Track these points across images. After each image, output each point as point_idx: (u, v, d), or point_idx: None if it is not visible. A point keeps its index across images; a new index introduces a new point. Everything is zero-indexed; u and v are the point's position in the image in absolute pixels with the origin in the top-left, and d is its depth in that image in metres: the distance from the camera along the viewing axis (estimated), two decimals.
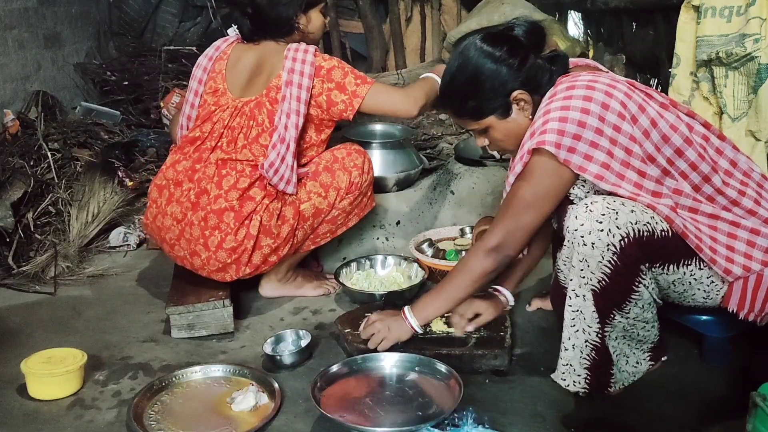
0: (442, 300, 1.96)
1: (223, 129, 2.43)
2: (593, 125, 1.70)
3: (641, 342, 1.83)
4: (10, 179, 3.13)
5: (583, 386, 1.82)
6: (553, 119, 1.72)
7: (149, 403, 1.95)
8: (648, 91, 1.83)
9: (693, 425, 1.82)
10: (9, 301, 2.67)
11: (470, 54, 1.85)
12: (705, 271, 1.79)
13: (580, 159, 1.71)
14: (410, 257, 2.73)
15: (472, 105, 1.88)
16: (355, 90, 2.41)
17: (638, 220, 1.68)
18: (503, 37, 1.86)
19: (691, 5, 2.85)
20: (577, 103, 1.72)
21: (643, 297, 1.74)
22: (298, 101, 2.38)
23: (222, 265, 2.37)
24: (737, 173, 1.84)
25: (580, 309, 1.74)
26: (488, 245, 1.84)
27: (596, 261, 1.68)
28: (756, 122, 2.70)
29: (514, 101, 1.86)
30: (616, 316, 1.74)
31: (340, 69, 2.42)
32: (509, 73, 1.82)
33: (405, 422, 1.79)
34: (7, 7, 4.01)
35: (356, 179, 2.50)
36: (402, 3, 4.73)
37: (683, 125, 1.78)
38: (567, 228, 1.72)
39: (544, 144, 1.72)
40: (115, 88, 4.70)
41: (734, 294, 1.81)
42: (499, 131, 1.91)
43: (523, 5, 4.16)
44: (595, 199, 1.71)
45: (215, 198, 2.35)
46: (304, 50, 2.40)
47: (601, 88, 1.74)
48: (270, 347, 2.18)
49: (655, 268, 1.74)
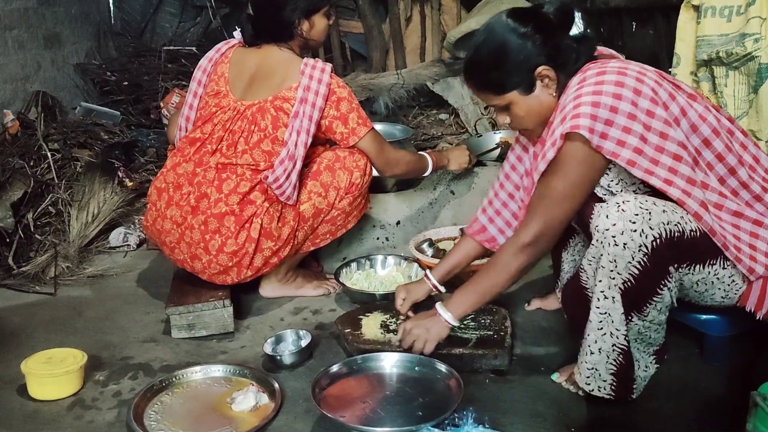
0: (477, 295, 1.92)
1: (223, 132, 2.42)
2: (626, 110, 1.67)
3: (650, 345, 1.81)
4: (10, 179, 3.13)
5: (609, 392, 1.80)
6: (585, 103, 1.68)
7: (149, 403, 1.94)
8: (676, 81, 1.81)
9: (693, 425, 1.82)
10: (9, 301, 2.67)
11: (496, 28, 1.82)
12: (728, 270, 1.76)
13: (612, 145, 1.68)
14: (410, 257, 2.73)
15: (495, 78, 1.85)
16: (355, 128, 2.45)
17: (670, 221, 1.66)
18: (531, 13, 1.84)
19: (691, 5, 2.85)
20: (609, 89, 1.68)
21: (665, 300, 1.72)
22: (309, 120, 2.37)
23: (223, 268, 2.37)
24: (760, 169, 1.82)
25: (608, 311, 1.71)
26: (523, 240, 1.80)
27: (626, 261, 1.65)
28: (756, 122, 2.70)
29: (538, 77, 1.81)
30: (634, 318, 1.72)
31: (348, 102, 2.43)
32: (534, 47, 1.79)
33: (405, 422, 1.79)
34: (7, 7, 4.01)
35: (357, 180, 2.49)
36: (402, 3, 4.72)
37: (711, 116, 1.76)
38: (596, 227, 1.69)
39: (578, 128, 1.67)
40: (115, 89, 4.70)
41: (753, 294, 1.80)
42: (522, 108, 1.86)
43: (522, 5, 4.16)
44: (626, 198, 1.68)
45: (215, 202, 2.35)
46: (321, 69, 2.39)
47: (632, 74, 1.72)
48: (270, 347, 2.18)
49: (682, 268, 1.72)
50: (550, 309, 2.36)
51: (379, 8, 4.84)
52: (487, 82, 1.87)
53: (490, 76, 1.85)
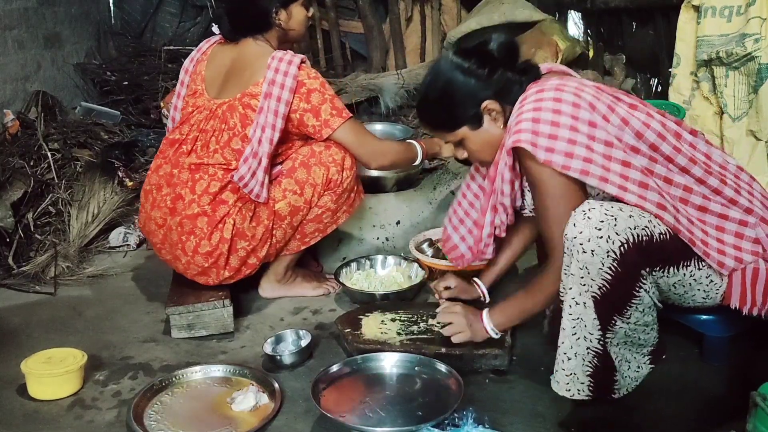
0: (518, 312, 1.96)
1: (198, 132, 2.40)
2: (567, 123, 1.71)
3: (641, 346, 1.82)
4: (10, 179, 3.13)
5: (587, 393, 1.80)
6: (525, 120, 1.74)
7: (149, 403, 1.95)
8: (616, 93, 1.85)
9: (693, 425, 1.82)
10: (9, 301, 2.67)
11: (442, 67, 1.91)
12: (704, 270, 1.78)
13: (561, 158, 1.71)
14: (410, 257, 2.72)
15: (444, 116, 1.94)
16: (328, 120, 2.36)
17: (637, 225, 1.68)
18: (475, 50, 1.91)
19: (691, 5, 2.86)
20: (548, 105, 1.74)
21: (644, 301, 1.73)
22: (275, 115, 2.31)
23: (201, 269, 2.37)
24: (714, 165, 1.84)
25: (580, 317, 1.73)
26: (558, 265, 1.80)
27: (596, 268, 1.67)
28: (756, 122, 2.71)
29: (485, 111, 1.89)
30: (617, 321, 1.73)
31: (320, 93, 2.35)
32: (478, 83, 1.86)
33: (405, 422, 1.79)
34: (7, 7, 4.01)
35: (334, 176, 2.42)
36: (402, 3, 4.73)
37: (655, 121, 1.79)
38: (566, 235, 1.71)
39: (519, 142, 1.73)
40: (115, 88, 4.70)
41: (734, 291, 1.82)
42: (474, 142, 1.94)
43: (522, 5, 4.17)
44: (592, 205, 1.70)
45: (189, 203, 2.33)
46: (288, 61, 2.32)
47: (569, 90, 1.77)
48: (270, 347, 2.18)
49: (655, 272, 1.73)
50: None
51: (379, 8, 4.85)
52: (438, 120, 1.97)
53: (440, 114, 1.94)
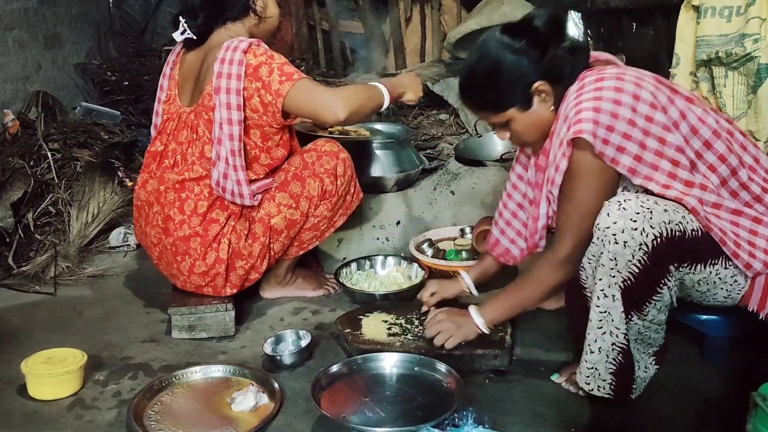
0: (510, 306, 1.96)
1: (176, 145, 2.33)
2: (626, 116, 1.68)
3: (650, 345, 1.81)
4: (10, 179, 3.13)
5: (608, 392, 1.80)
6: (586, 109, 1.69)
7: (149, 403, 1.94)
8: (672, 85, 1.81)
9: (693, 425, 1.82)
10: (9, 301, 2.67)
11: (490, 46, 1.83)
12: (730, 270, 1.77)
13: (613, 151, 1.68)
14: (410, 257, 2.73)
15: (492, 98, 1.85)
16: (278, 89, 2.15)
17: (671, 220, 1.66)
18: (523, 28, 1.83)
19: (690, 5, 2.85)
20: (608, 94, 1.69)
21: (664, 299, 1.72)
22: (228, 108, 2.16)
23: (197, 287, 2.36)
24: (760, 170, 1.82)
25: (608, 310, 1.72)
26: (560, 257, 1.81)
27: (626, 260, 1.66)
28: (755, 122, 2.70)
29: (535, 93, 1.82)
30: (633, 317, 1.72)
31: (267, 66, 2.16)
32: (529, 64, 1.79)
33: (405, 422, 1.79)
34: (7, 7, 4.01)
35: (329, 186, 2.37)
36: (402, 3, 4.72)
37: (711, 118, 1.77)
38: (597, 225, 1.69)
39: (581, 133, 1.68)
40: (115, 88, 4.69)
41: (755, 293, 1.80)
42: (521, 124, 1.87)
43: (522, 5, 4.16)
44: (628, 196, 1.68)
45: (180, 224, 2.29)
46: (234, 48, 2.15)
47: (630, 79, 1.72)
48: (270, 347, 2.18)
49: (683, 268, 1.72)
50: (550, 309, 2.36)
51: (379, 8, 4.84)
52: (485, 102, 1.89)
53: (487, 95, 1.86)
